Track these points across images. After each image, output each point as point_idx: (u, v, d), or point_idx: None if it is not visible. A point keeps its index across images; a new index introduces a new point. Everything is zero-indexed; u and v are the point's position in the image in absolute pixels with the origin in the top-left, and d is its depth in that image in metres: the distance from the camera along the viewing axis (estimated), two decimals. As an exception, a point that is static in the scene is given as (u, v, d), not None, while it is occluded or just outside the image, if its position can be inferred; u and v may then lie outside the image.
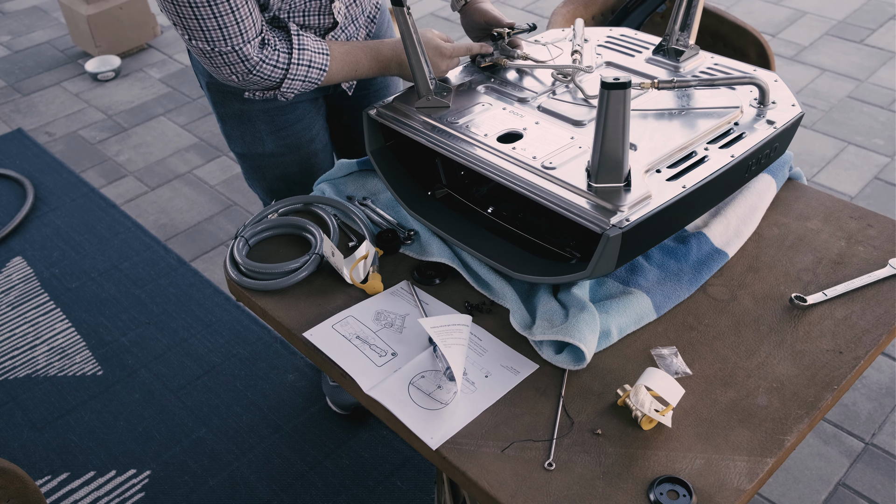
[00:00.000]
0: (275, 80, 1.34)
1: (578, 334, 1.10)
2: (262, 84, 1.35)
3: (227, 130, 1.60)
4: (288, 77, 1.34)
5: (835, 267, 1.28)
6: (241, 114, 1.55)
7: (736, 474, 0.98)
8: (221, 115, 1.58)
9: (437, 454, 1.02)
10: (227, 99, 1.53)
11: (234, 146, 1.62)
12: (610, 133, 1.05)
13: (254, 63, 1.30)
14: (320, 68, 1.36)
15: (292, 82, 1.36)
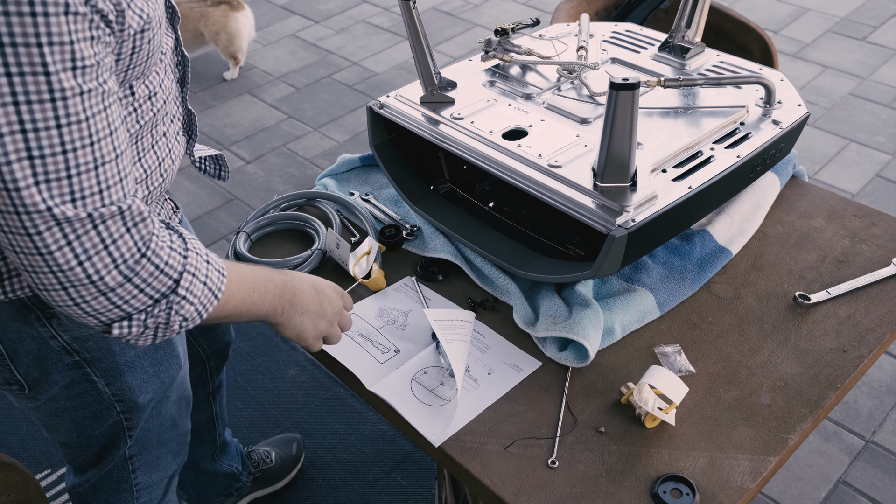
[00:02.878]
0: (170, 275, 0.82)
1: (582, 331, 1.10)
2: (143, 291, 0.80)
3: (138, 386, 1.10)
4: (187, 271, 0.83)
5: (838, 265, 1.28)
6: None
7: (739, 473, 0.98)
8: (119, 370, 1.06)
9: (440, 451, 1.02)
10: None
11: (144, 395, 1.12)
12: (617, 133, 1.05)
13: (150, 229, 0.80)
14: (219, 271, 0.89)
15: (190, 287, 0.84)
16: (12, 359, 1.00)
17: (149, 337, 0.84)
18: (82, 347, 1.01)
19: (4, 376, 1.03)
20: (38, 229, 0.73)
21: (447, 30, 3.80)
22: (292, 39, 3.80)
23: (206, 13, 3.31)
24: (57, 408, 1.08)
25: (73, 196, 0.73)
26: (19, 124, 0.69)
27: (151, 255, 0.80)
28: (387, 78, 3.45)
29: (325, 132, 3.14)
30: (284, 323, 1.00)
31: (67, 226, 0.74)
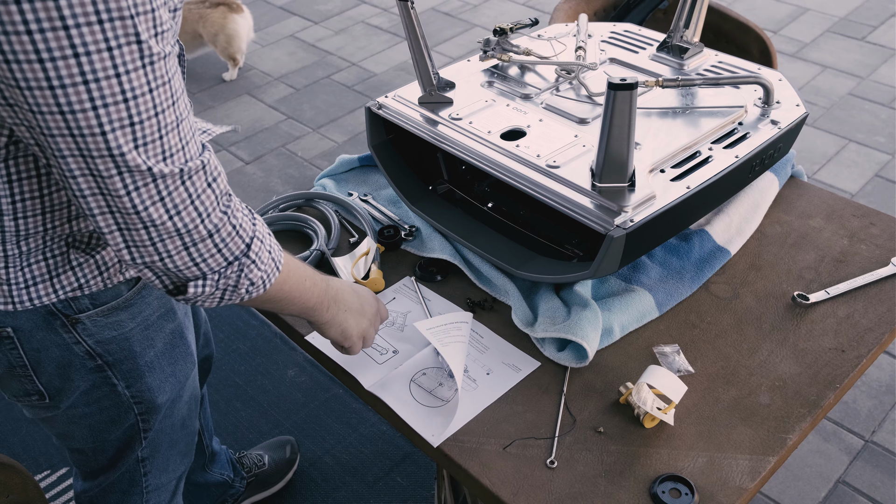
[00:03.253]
0: (243, 238, 0.85)
1: (581, 332, 1.10)
2: (220, 251, 0.84)
3: (157, 378, 1.10)
4: (256, 237, 0.87)
5: (837, 265, 1.28)
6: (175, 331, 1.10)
7: (738, 473, 0.98)
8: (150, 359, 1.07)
9: (439, 451, 1.02)
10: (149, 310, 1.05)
11: (162, 395, 1.12)
12: (615, 134, 1.05)
13: (227, 187, 0.85)
14: (278, 245, 0.93)
15: (259, 252, 0.87)
16: (35, 368, 1.00)
17: (216, 299, 0.88)
18: (105, 351, 1.02)
19: (24, 387, 1.03)
20: (135, 186, 0.76)
21: (446, 30, 3.80)
22: (291, 40, 3.80)
23: (204, 15, 3.31)
24: (75, 415, 1.08)
25: (165, 155, 0.77)
26: (122, 94, 0.72)
27: (230, 215, 0.84)
28: (386, 79, 3.45)
29: (324, 133, 3.14)
30: (330, 321, 1.02)
31: (161, 182, 0.78)
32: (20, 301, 0.93)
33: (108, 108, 0.72)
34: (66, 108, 0.71)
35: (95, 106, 0.71)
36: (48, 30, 0.67)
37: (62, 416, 1.08)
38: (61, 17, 0.67)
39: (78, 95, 0.70)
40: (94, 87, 0.71)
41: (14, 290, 0.92)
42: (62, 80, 0.69)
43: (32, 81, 0.69)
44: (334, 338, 1.05)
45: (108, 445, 1.14)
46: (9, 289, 0.92)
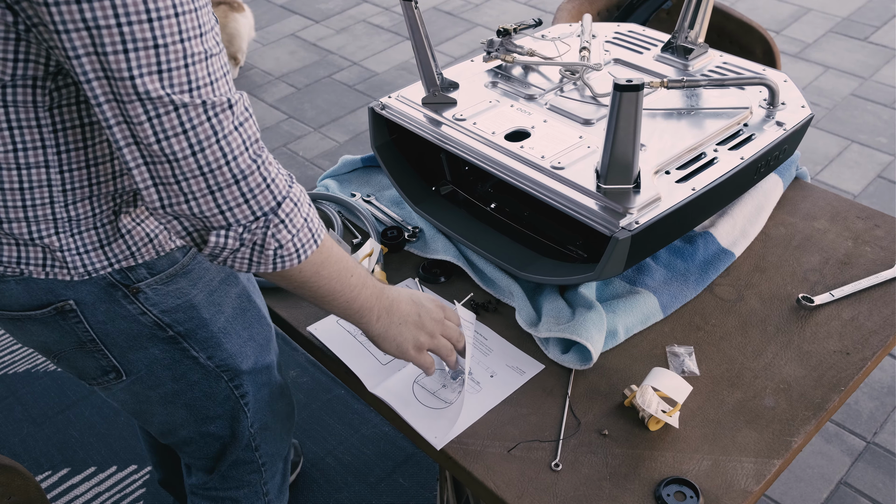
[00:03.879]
0: (274, 194, 0.82)
1: (585, 333, 1.09)
2: (247, 202, 0.80)
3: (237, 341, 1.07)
4: (290, 198, 0.83)
5: (842, 267, 1.27)
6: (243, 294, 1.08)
7: (743, 476, 0.98)
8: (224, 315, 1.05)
9: (443, 454, 1.02)
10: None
11: (245, 361, 1.10)
12: (621, 135, 1.04)
13: (257, 134, 0.82)
14: (320, 220, 0.89)
15: (291, 214, 0.83)
16: (105, 342, 0.98)
17: (245, 260, 0.83)
18: (173, 320, 0.99)
19: (100, 364, 1.00)
20: (156, 114, 0.74)
21: (448, 29, 3.79)
22: (292, 39, 3.80)
23: (206, 13, 3.30)
24: (166, 394, 1.05)
25: (190, 86, 0.75)
26: (146, 13, 0.71)
27: (261, 165, 0.81)
28: (387, 78, 3.45)
29: (325, 132, 3.13)
30: (383, 333, 0.97)
31: (184, 112, 0.75)
32: (75, 268, 0.91)
33: (133, 27, 0.70)
34: (92, 24, 0.69)
35: (120, 23, 0.70)
36: None
37: (155, 398, 1.05)
38: None
39: (104, 10, 0.69)
40: (119, 2, 0.69)
41: (68, 256, 0.90)
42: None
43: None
44: (390, 353, 1.00)
45: (216, 424, 1.12)
46: (62, 255, 0.90)
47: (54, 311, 0.94)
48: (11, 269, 0.90)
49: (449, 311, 1.04)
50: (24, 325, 0.96)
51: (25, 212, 0.86)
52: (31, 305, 0.93)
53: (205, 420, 1.11)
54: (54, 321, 0.95)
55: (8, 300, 0.93)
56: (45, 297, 0.93)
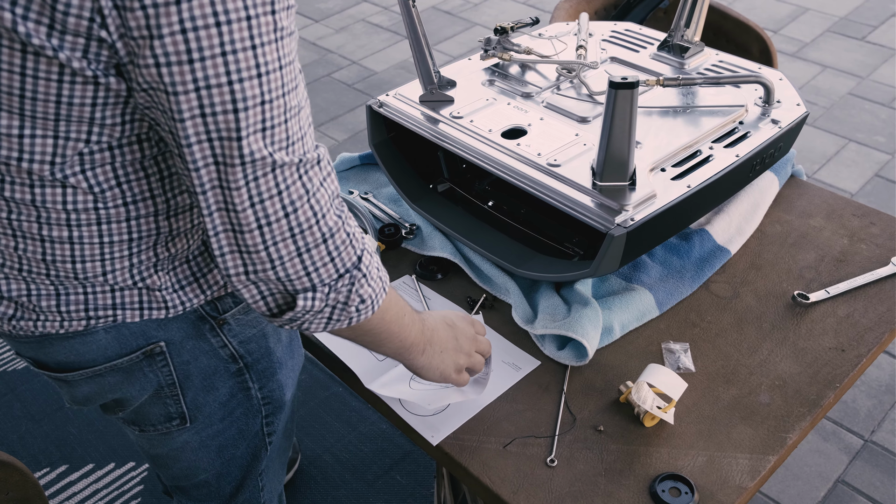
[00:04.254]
0: (355, 248, 0.80)
1: (581, 330, 1.10)
2: (332, 260, 0.78)
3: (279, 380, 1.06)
4: (366, 250, 0.81)
5: (837, 265, 1.28)
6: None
7: (738, 472, 0.98)
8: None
9: (439, 450, 1.02)
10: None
11: (289, 391, 1.09)
12: (616, 132, 1.05)
13: (338, 187, 0.81)
14: (384, 270, 0.87)
15: (369, 267, 0.82)
16: (182, 384, 0.96)
17: (324, 319, 0.80)
18: (246, 351, 0.98)
19: (167, 410, 0.98)
20: (255, 176, 0.71)
21: (446, 29, 3.80)
22: (292, 38, 3.80)
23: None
24: (206, 436, 1.02)
25: (287, 142, 0.72)
26: (256, 68, 0.68)
27: (344, 220, 0.78)
28: (386, 77, 3.45)
29: (324, 131, 3.14)
30: (426, 364, 0.95)
31: (279, 173, 0.72)
32: (173, 306, 0.89)
33: (244, 84, 0.68)
34: (203, 84, 0.67)
35: (231, 81, 0.67)
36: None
37: (193, 442, 1.02)
38: None
39: (215, 69, 0.67)
40: (232, 59, 0.67)
41: (167, 294, 0.89)
42: (202, 51, 0.66)
43: (172, 56, 0.66)
44: (433, 380, 0.98)
45: (234, 465, 1.08)
46: (160, 294, 0.88)
47: (143, 355, 0.91)
48: (104, 318, 0.88)
49: (478, 324, 1.03)
50: (101, 381, 0.93)
51: (131, 259, 0.85)
52: (118, 354, 0.90)
53: (228, 461, 1.07)
54: (139, 368, 0.92)
55: (93, 354, 0.90)
56: (135, 343, 0.90)
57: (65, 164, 0.76)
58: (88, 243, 0.82)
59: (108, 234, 0.82)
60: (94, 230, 0.81)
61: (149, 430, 1.00)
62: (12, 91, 0.71)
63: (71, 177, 0.77)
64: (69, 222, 0.80)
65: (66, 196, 0.78)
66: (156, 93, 0.69)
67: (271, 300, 0.79)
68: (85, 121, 0.74)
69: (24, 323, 0.88)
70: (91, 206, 0.79)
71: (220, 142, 0.69)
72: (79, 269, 0.83)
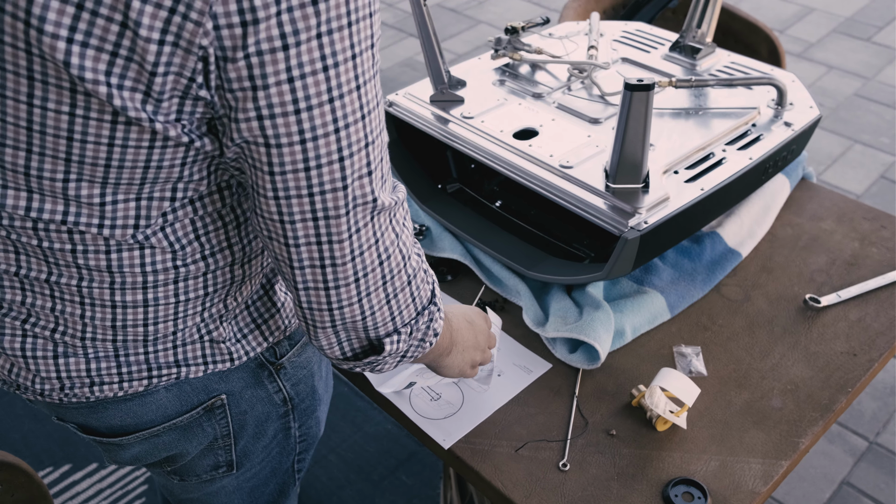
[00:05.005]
0: (429, 283, 0.79)
1: (593, 333, 1.09)
2: (413, 300, 0.76)
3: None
4: (435, 281, 0.80)
5: (848, 268, 1.27)
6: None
7: (751, 476, 0.98)
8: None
9: (450, 453, 1.02)
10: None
11: (322, 426, 1.07)
12: (631, 134, 1.04)
13: (411, 224, 0.77)
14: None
15: (439, 299, 0.81)
16: (237, 434, 0.92)
17: (399, 357, 0.77)
18: (296, 393, 0.95)
19: (217, 460, 0.93)
20: (357, 227, 0.67)
21: (451, 26, 3.78)
22: (295, 35, 3.79)
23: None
24: (244, 479, 0.98)
25: (383, 183, 0.68)
26: (360, 110, 0.63)
27: (421, 256, 0.76)
28: (391, 74, 3.44)
29: (328, 129, 3.13)
30: (450, 364, 0.92)
31: (377, 220, 0.68)
32: (238, 357, 0.85)
33: (349, 129, 0.63)
34: (309, 135, 0.62)
35: (338, 128, 0.62)
36: (302, 42, 0.58)
37: (230, 486, 0.98)
38: (317, 24, 0.58)
39: (323, 117, 0.61)
40: (339, 104, 0.61)
41: (231, 346, 0.85)
42: (309, 100, 0.60)
43: (277, 108, 0.60)
44: (452, 377, 0.95)
45: (261, 501, 1.04)
46: (225, 346, 0.84)
47: (203, 410, 0.87)
48: (167, 376, 0.83)
49: (487, 318, 1.01)
50: (157, 441, 0.87)
51: (202, 314, 0.81)
52: (179, 412, 0.85)
53: (256, 499, 1.04)
54: (197, 423, 0.88)
55: (152, 415, 0.85)
56: (197, 398, 0.86)
57: (148, 226, 0.71)
58: (164, 304, 0.77)
59: (184, 291, 0.77)
60: (171, 289, 0.77)
61: (191, 480, 0.96)
62: (97, 162, 0.66)
63: (152, 236, 0.72)
64: (145, 285, 0.75)
65: (145, 258, 0.73)
66: (252, 146, 0.63)
67: (347, 346, 0.76)
68: (172, 180, 0.69)
69: (79, 391, 0.82)
70: (170, 264, 0.75)
71: (323, 195, 0.65)
72: (150, 331, 0.79)
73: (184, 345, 0.82)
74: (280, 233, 0.67)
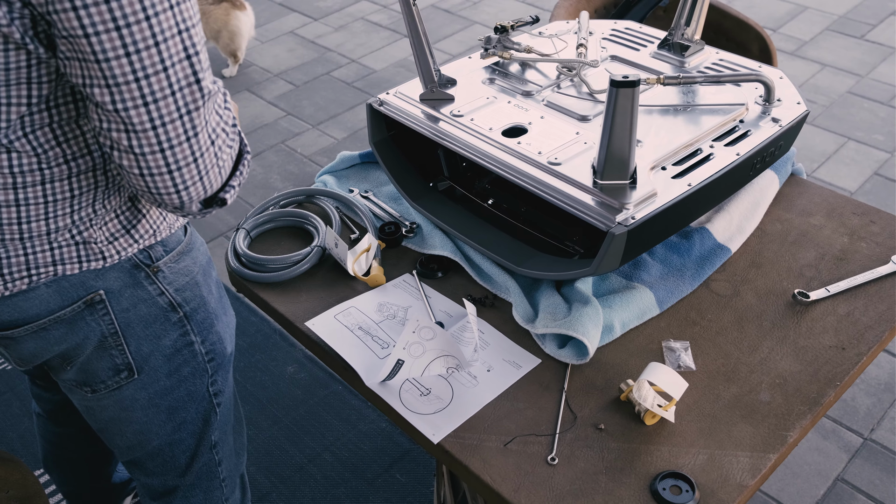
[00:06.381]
0: (237, 148, 0.95)
1: (581, 328, 1.10)
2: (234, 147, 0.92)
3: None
4: (244, 144, 0.97)
5: (837, 263, 1.28)
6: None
7: (738, 470, 0.98)
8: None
9: (440, 448, 1.02)
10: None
11: (229, 344, 1.17)
12: (617, 131, 1.05)
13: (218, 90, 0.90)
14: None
15: (247, 156, 0.97)
16: (125, 333, 1.02)
17: (234, 194, 0.95)
18: (183, 299, 1.05)
19: (114, 362, 1.03)
20: (189, 107, 0.82)
21: (446, 27, 3.79)
22: (291, 36, 3.80)
23: (207, 11, 3.30)
24: (156, 392, 1.08)
25: (203, 70, 0.83)
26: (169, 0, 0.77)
27: (236, 128, 0.93)
28: (385, 75, 3.45)
29: (323, 129, 3.14)
30: None
31: (206, 103, 0.84)
32: (109, 255, 0.97)
33: (159, 17, 0.76)
34: (122, 23, 0.75)
35: (148, 16, 0.75)
36: None
37: (143, 399, 1.08)
38: None
39: (132, 6, 0.75)
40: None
41: (102, 247, 0.96)
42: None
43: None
44: None
45: (186, 430, 1.13)
46: (97, 247, 0.96)
47: (84, 304, 0.97)
48: (45, 274, 0.94)
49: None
50: (46, 335, 0.98)
51: (72, 216, 0.92)
52: (60, 306, 0.96)
53: (179, 426, 1.13)
54: (81, 318, 0.98)
55: (37, 310, 0.96)
56: (76, 293, 0.97)
57: (9, 128, 0.83)
58: (34, 204, 0.89)
59: (52, 193, 0.89)
60: (39, 190, 0.88)
61: (100, 388, 1.05)
62: None
63: (15, 141, 0.84)
64: (15, 186, 0.87)
65: (12, 161, 0.85)
66: (74, 40, 0.75)
67: (195, 208, 0.91)
68: (23, 82, 0.81)
69: None
70: (35, 167, 0.87)
71: (147, 79, 0.78)
72: (24, 229, 0.90)
73: (59, 246, 0.94)
74: (119, 121, 0.80)
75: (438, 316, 1.20)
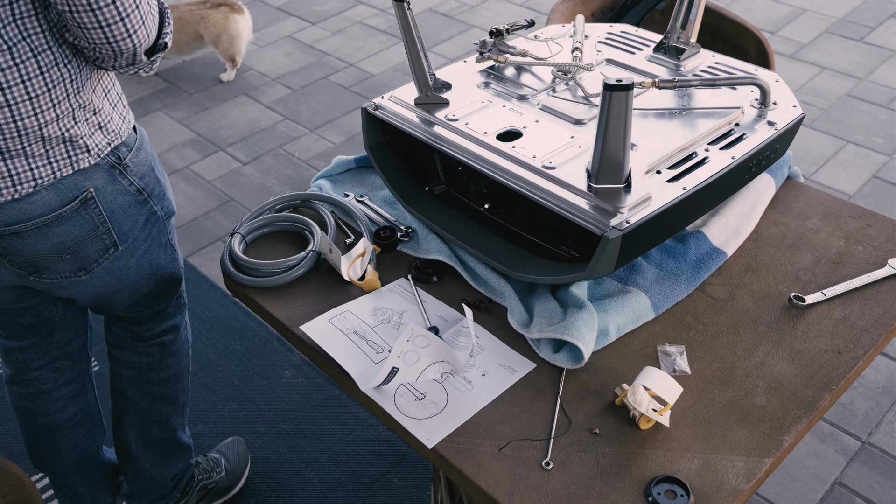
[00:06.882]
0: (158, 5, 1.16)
1: (577, 333, 1.09)
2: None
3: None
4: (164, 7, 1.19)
5: (834, 266, 1.28)
6: None
7: (734, 474, 0.98)
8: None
9: (434, 453, 1.02)
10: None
11: (173, 204, 1.42)
12: (611, 135, 1.04)
13: None
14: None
15: (167, 14, 1.19)
16: (111, 220, 1.25)
17: (169, 40, 1.18)
18: (145, 184, 1.29)
19: (104, 243, 1.26)
20: None
21: (443, 31, 3.80)
22: (289, 41, 3.80)
23: (205, 16, 3.31)
24: (141, 255, 1.33)
25: None
26: None
27: None
28: (383, 80, 3.45)
29: (321, 134, 3.14)
30: None
31: None
32: (93, 147, 1.18)
33: None
34: None
35: None
36: None
37: (132, 265, 1.33)
38: None
39: None
40: None
41: (86, 139, 1.17)
42: None
43: None
44: None
45: (165, 270, 1.41)
46: (82, 141, 1.17)
47: (79, 203, 1.19)
48: (46, 177, 1.15)
49: None
50: (49, 230, 1.19)
51: (55, 110, 1.12)
52: (60, 205, 1.18)
53: (159, 269, 1.40)
54: (78, 214, 1.20)
55: (40, 210, 1.17)
56: (71, 193, 1.18)
57: None
58: (21, 101, 1.08)
59: (32, 89, 1.08)
60: (22, 89, 1.07)
61: (93, 267, 1.28)
62: None
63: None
64: (1, 86, 1.06)
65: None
66: None
67: (153, 42, 1.14)
68: None
69: None
70: (11, 63, 1.05)
71: None
72: (20, 126, 1.10)
73: (52, 146, 1.14)
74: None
75: (433, 320, 1.19)
